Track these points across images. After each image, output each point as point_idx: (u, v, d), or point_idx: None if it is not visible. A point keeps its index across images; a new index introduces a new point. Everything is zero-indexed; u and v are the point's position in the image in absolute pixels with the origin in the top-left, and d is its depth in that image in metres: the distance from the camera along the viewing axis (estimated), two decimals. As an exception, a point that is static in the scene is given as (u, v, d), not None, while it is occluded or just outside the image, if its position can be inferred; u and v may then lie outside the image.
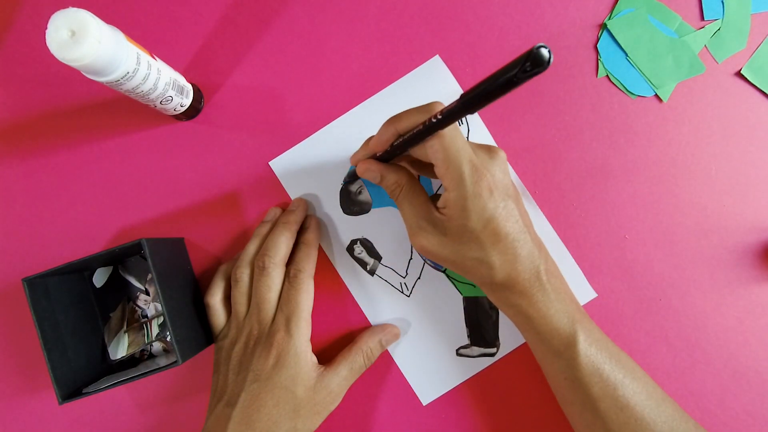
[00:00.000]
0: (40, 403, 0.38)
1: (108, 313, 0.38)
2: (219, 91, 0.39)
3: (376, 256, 0.38)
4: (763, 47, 0.38)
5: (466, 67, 0.38)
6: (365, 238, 0.38)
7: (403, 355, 0.38)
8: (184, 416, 0.38)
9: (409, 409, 0.38)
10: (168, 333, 0.36)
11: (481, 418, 0.38)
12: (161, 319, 0.38)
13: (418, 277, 0.38)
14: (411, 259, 0.38)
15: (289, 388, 0.32)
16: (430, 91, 0.38)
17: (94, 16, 0.27)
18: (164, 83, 0.32)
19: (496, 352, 0.38)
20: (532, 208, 0.38)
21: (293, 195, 0.39)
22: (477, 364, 0.38)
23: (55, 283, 0.35)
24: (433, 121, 0.26)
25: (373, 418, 0.38)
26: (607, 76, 0.38)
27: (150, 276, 0.38)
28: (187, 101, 0.36)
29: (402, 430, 0.38)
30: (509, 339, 0.38)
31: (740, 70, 0.38)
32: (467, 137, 0.38)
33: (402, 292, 0.38)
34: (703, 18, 0.38)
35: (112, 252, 0.33)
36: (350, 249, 0.38)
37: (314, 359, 0.34)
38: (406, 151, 0.30)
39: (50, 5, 0.39)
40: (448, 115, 0.24)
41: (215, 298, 0.36)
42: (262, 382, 0.32)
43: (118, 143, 0.39)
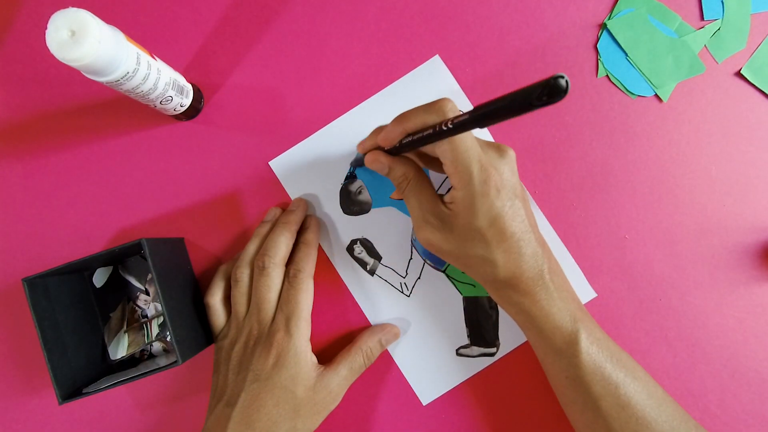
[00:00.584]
0: (40, 403, 0.38)
1: (108, 313, 0.38)
2: (219, 91, 0.39)
3: (376, 256, 0.38)
4: (763, 47, 0.38)
5: (466, 67, 0.38)
6: (365, 238, 0.38)
7: (403, 355, 0.38)
8: (184, 416, 0.38)
9: (409, 409, 0.38)
10: (168, 333, 0.36)
11: (481, 418, 0.38)
12: (161, 319, 0.38)
13: (418, 277, 0.38)
14: (411, 259, 0.38)
15: (289, 388, 0.32)
16: (430, 91, 0.38)
17: (94, 16, 0.27)
18: (164, 83, 0.32)
19: (495, 352, 0.38)
20: (533, 208, 0.38)
21: (293, 195, 0.39)
22: (477, 364, 0.38)
23: (55, 283, 0.35)
24: (443, 129, 0.26)
25: (373, 418, 0.38)
26: (607, 76, 0.38)
27: (150, 276, 0.38)
28: (187, 101, 0.36)
29: (402, 430, 0.38)
30: (509, 339, 0.38)
31: (740, 70, 0.38)
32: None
33: (402, 292, 0.38)
34: (702, 18, 0.38)
35: (112, 252, 0.33)
36: (350, 249, 0.38)
37: (314, 359, 0.34)
38: (414, 149, 0.30)
39: (50, 5, 0.39)
40: (459, 126, 0.25)
41: (215, 298, 0.36)
42: (262, 382, 0.32)
43: (118, 143, 0.39)
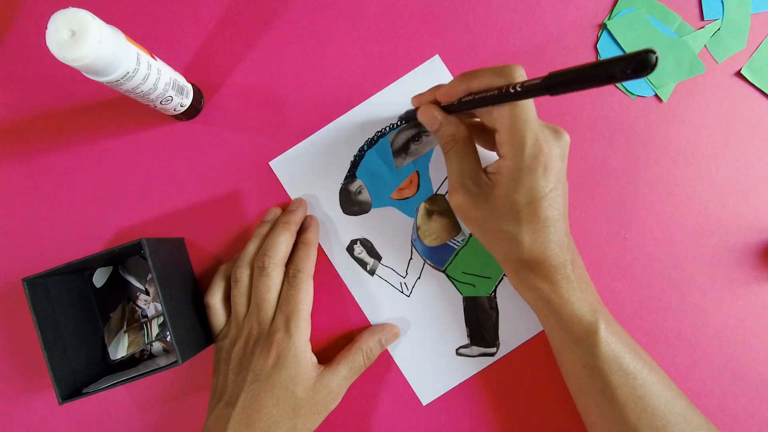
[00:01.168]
0: (40, 403, 0.38)
1: (108, 313, 0.38)
2: (219, 91, 0.39)
3: (376, 256, 0.38)
4: (763, 47, 0.38)
5: (466, 67, 0.38)
6: (365, 238, 0.38)
7: (403, 355, 0.38)
8: (184, 416, 0.38)
9: (409, 409, 0.38)
10: (168, 333, 0.36)
11: (481, 417, 0.38)
12: (161, 319, 0.38)
13: (418, 277, 0.38)
14: (411, 259, 0.38)
15: (289, 388, 0.32)
16: (430, 91, 0.38)
17: (94, 16, 0.27)
18: (164, 83, 0.32)
19: (495, 352, 0.38)
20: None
21: (293, 195, 0.39)
22: (477, 364, 0.38)
23: (55, 283, 0.35)
24: (510, 92, 0.25)
25: (373, 418, 0.38)
26: (607, 76, 0.38)
27: (150, 276, 0.38)
28: (187, 101, 0.36)
29: (402, 430, 0.38)
30: (509, 339, 0.38)
31: (740, 70, 0.38)
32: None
33: (402, 292, 0.38)
34: (703, 18, 0.38)
35: (112, 252, 0.33)
36: (350, 249, 0.38)
37: (314, 359, 0.34)
38: (472, 108, 0.30)
39: (50, 5, 0.39)
40: (528, 90, 0.24)
41: (215, 298, 0.36)
42: (261, 382, 0.32)
43: (118, 143, 0.39)
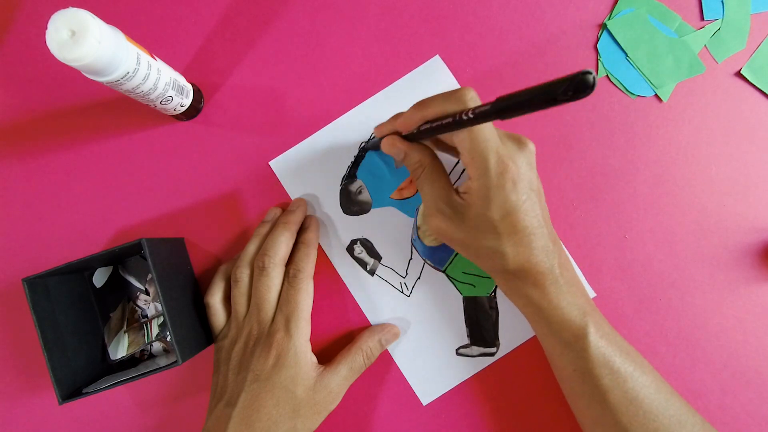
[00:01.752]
0: (40, 403, 0.38)
1: (108, 313, 0.38)
2: (219, 91, 0.39)
3: (376, 256, 0.38)
4: (763, 47, 0.38)
5: (467, 67, 0.38)
6: (365, 238, 0.38)
7: (403, 355, 0.38)
8: (184, 416, 0.38)
9: (409, 409, 0.38)
10: (168, 333, 0.36)
11: (481, 417, 0.38)
12: (161, 319, 0.38)
13: (418, 277, 0.38)
14: (411, 259, 0.38)
15: (289, 388, 0.32)
16: (431, 91, 0.38)
17: (94, 16, 0.27)
18: (164, 83, 0.32)
19: (495, 352, 0.38)
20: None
21: (293, 195, 0.39)
22: (477, 364, 0.38)
23: (55, 283, 0.35)
24: (464, 119, 0.25)
25: (373, 418, 0.38)
26: (607, 76, 0.38)
27: (150, 276, 0.38)
28: (187, 101, 0.36)
29: (402, 430, 0.38)
30: (509, 339, 0.38)
31: (740, 70, 0.38)
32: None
33: (402, 292, 0.38)
34: (703, 18, 0.38)
35: (112, 252, 0.33)
36: (350, 249, 0.38)
37: (314, 359, 0.34)
38: (431, 136, 0.30)
39: (50, 5, 0.39)
40: (479, 116, 0.24)
41: (215, 298, 0.36)
42: (261, 382, 0.32)
43: (118, 143, 0.39)
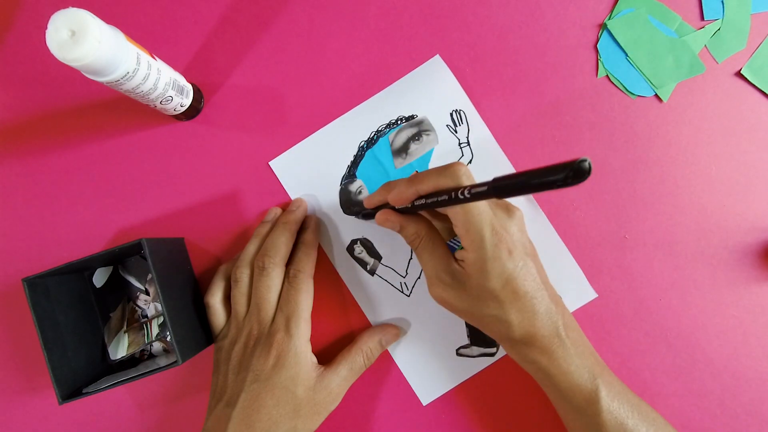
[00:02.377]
0: (40, 403, 0.38)
1: (108, 313, 0.38)
2: (219, 91, 0.39)
3: (376, 256, 0.38)
4: (763, 47, 0.38)
5: (467, 67, 0.38)
6: (365, 238, 0.38)
7: (403, 355, 0.38)
8: (184, 416, 0.38)
9: (409, 409, 0.38)
10: (168, 333, 0.36)
11: (481, 418, 0.38)
12: (161, 319, 0.38)
13: (418, 277, 0.38)
14: (411, 259, 0.38)
15: (289, 388, 0.32)
16: (431, 91, 0.38)
17: (94, 16, 0.27)
18: (164, 83, 0.32)
19: (495, 352, 0.38)
20: (533, 208, 0.38)
21: (293, 195, 0.39)
22: (477, 364, 0.38)
23: (55, 283, 0.35)
24: (460, 197, 0.26)
25: (373, 418, 0.38)
26: (607, 76, 0.38)
27: (150, 276, 0.38)
28: (187, 101, 0.36)
29: (402, 430, 0.38)
30: (509, 339, 0.38)
31: (740, 70, 0.38)
32: (467, 137, 0.38)
33: (402, 292, 0.38)
34: (703, 18, 0.38)
35: (112, 252, 0.33)
36: (350, 249, 0.38)
37: (314, 359, 0.34)
38: (425, 210, 0.31)
39: (50, 5, 0.39)
40: (476, 196, 0.25)
41: (215, 298, 0.36)
42: (262, 382, 0.32)
43: (118, 143, 0.39)
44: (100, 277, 0.38)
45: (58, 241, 0.39)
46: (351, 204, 0.38)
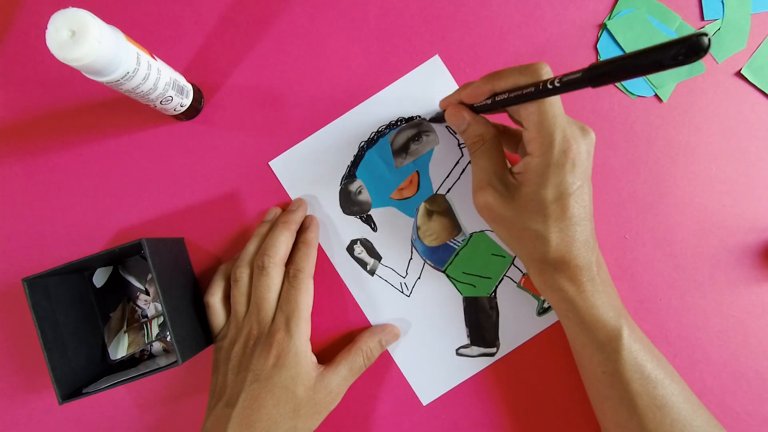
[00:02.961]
0: (40, 403, 0.38)
1: (108, 313, 0.38)
2: (219, 91, 0.39)
3: (376, 256, 0.38)
4: (763, 47, 0.38)
5: (467, 67, 0.38)
6: (365, 238, 0.38)
7: (403, 355, 0.38)
8: (184, 416, 0.38)
9: (409, 409, 0.38)
10: (168, 333, 0.36)
11: (481, 418, 0.38)
12: (161, 319, 0.38)
13: (418, 277, 0.38)
14: (411, 259, 0.38)
15: (289, 388, 0.32)
16: (430, 91, 0.38)
17: (94, 16, 0.27)
18: (164, 83, 0.32)
19: (496, 352, 0.38)
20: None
21: (293, 195, 0.39)
22: (477, 364, 0.38)
23: (55, 283, 0.35)
24: (549, 87, 0.24)
25: (373, 418, 0.38)
26: (607, 76, 0.38)
27: (150, 276, 0.38)
28: (187, 101, 0.36)
29: (402, 430, 0.38)
30: (509, 339, 0.38)
31: (740, 70, 0.38)
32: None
33: (402, 292, 0.38)
34: (703, 18, 0.38)
35: (112, 252, 0.33)
36: (350, 249, 0.38)
37: (314, 359, 0.34)
38: (504, 107, 0.29)
39: (50, 5, 0.39)
40: (567, 84, 0.23)
41: (215, 298, 0.36)
42: (261, 382, 0.32)
43: (118, 143, 0.39)
44: (100, 277, 0.38)
45: (58, 241, 0.39)
46: (351, 204, 0.38)
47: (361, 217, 0.38)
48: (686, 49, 0.16)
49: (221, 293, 0.37)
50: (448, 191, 0.38)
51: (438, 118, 0.37)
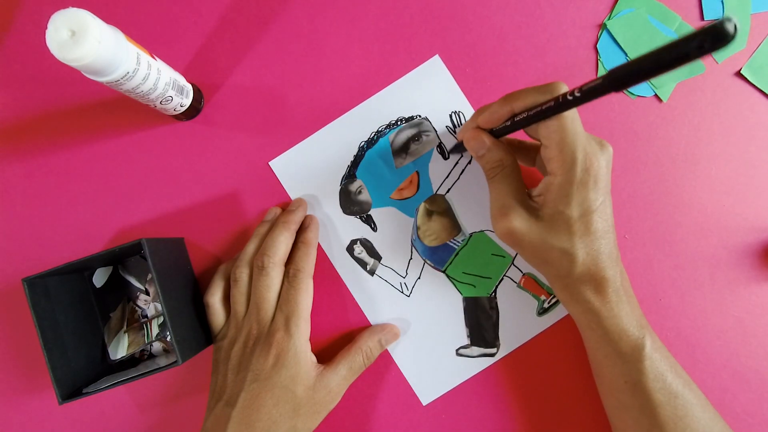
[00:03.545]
0: (40, 403, 0.38)
1: (108, 313, 0.38)
2: (219, 91, 0.39)
3: (376, 256, 0.38)
4: (763, 47, 0.38)
5: (467, 67, 0.38)
6: (365, 238, 0.38)
7: (403, 355, 0.38)
8: (184, 416, 0.38)
9: (409, 409, 0.38)
10: (168, 333, 0.36)
11: (481, 418, 0.37)
12: (161, 319, 0.38)
13: (418, 277, 0.38)
14: (411, 259, 0.38)
15: (289, 388, 0.32)
16: (430, 91, 0.38)
17: (94, 16, 0.27)
18: (164, 83, 0.32)
19: (496, 353, 0.38)
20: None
21: (293, 195, 0.39)
22: (477, 365, 0.38)
23: (55, 283, 0.35)
24: (569, 99, 0.24)
25: (373, 418, 0.38)
26: (607, 76, 0.38)
27: (150, 276, 0.38)
28: (187, 101, 0.36)
29: (402, 430, 0.38)
30: (509, 339, 0.38)
31: (740, 70, 0.38)
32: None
33: (402, 292, 0.38)
34: (703, 18, 0.38)
35: (112, 252, 0.33)
36: (350, 249, 0.38)
37: (313, 358, 0.34)
38: (524, 126, 0.29)
39: (50, 5, 0.39)
40: (589, 93, 0.22)
41: (215, 298, 0.36)
42: (261, 382, 0.32)
43: (118, 143, 0.39)
44: (100, 277, 0.38)
45: (58, 241, 0.39)
46: (351, 204, 0.38)
47: (361, 217, 0.38)
48: (711, 37, 0.16)
49: (221, 293, 0.37)
50: (448, 191, 0.38)
51: (457, 148, 0.37)
